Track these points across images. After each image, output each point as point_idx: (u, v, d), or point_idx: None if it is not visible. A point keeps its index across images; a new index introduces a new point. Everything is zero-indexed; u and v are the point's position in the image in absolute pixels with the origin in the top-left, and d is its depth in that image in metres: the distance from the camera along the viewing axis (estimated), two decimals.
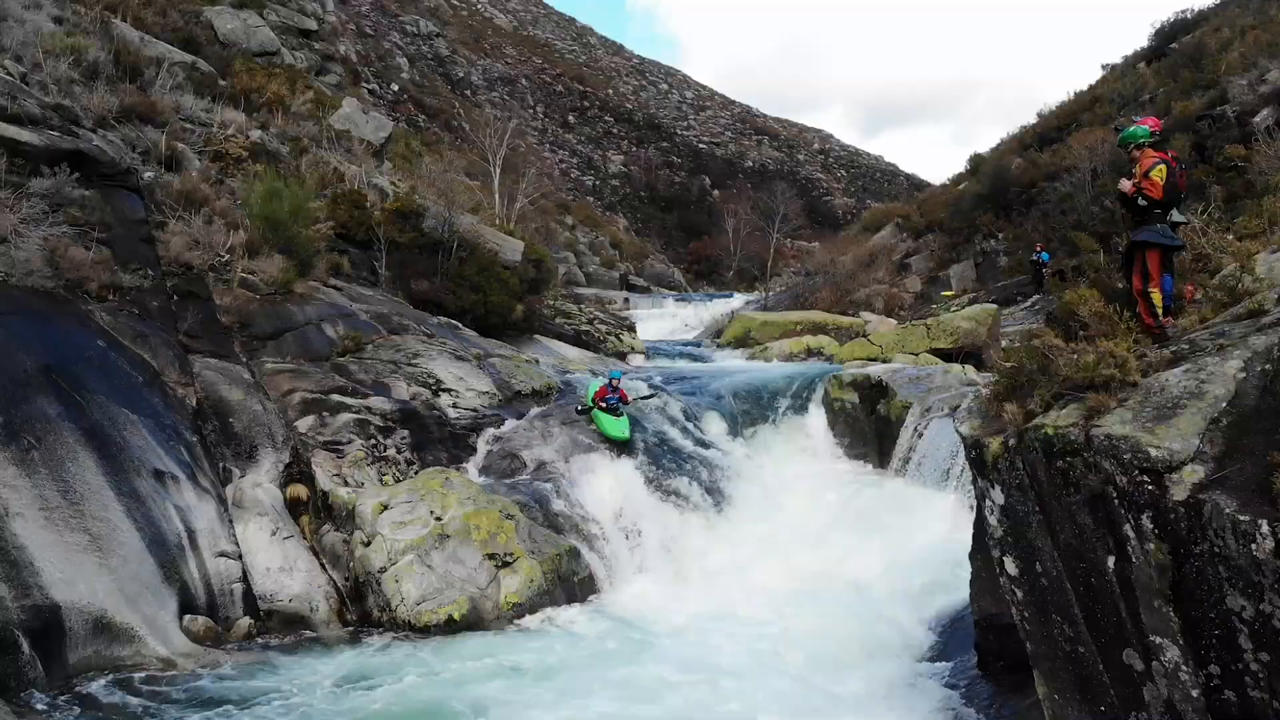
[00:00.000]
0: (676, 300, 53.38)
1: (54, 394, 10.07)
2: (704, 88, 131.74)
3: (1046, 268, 26.33)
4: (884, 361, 18.82)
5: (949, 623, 9.45)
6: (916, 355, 19.00)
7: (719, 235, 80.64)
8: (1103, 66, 46.62)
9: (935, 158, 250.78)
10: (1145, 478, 4.88)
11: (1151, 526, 4.85)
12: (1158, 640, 4.99)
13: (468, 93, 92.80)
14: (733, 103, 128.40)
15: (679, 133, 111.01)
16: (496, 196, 41.04)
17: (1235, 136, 23.07)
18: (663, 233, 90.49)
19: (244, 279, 14.11)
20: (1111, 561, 5.13)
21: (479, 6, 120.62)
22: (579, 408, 14.84)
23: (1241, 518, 4.45)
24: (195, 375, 11.93)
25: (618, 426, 14.20)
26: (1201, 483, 4.72)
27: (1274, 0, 34.47)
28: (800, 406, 17.07)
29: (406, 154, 37.46)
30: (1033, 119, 45.89)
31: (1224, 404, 5.05)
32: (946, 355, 19.19)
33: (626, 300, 50.91)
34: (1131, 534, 4.96)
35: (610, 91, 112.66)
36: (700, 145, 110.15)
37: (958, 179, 45.34)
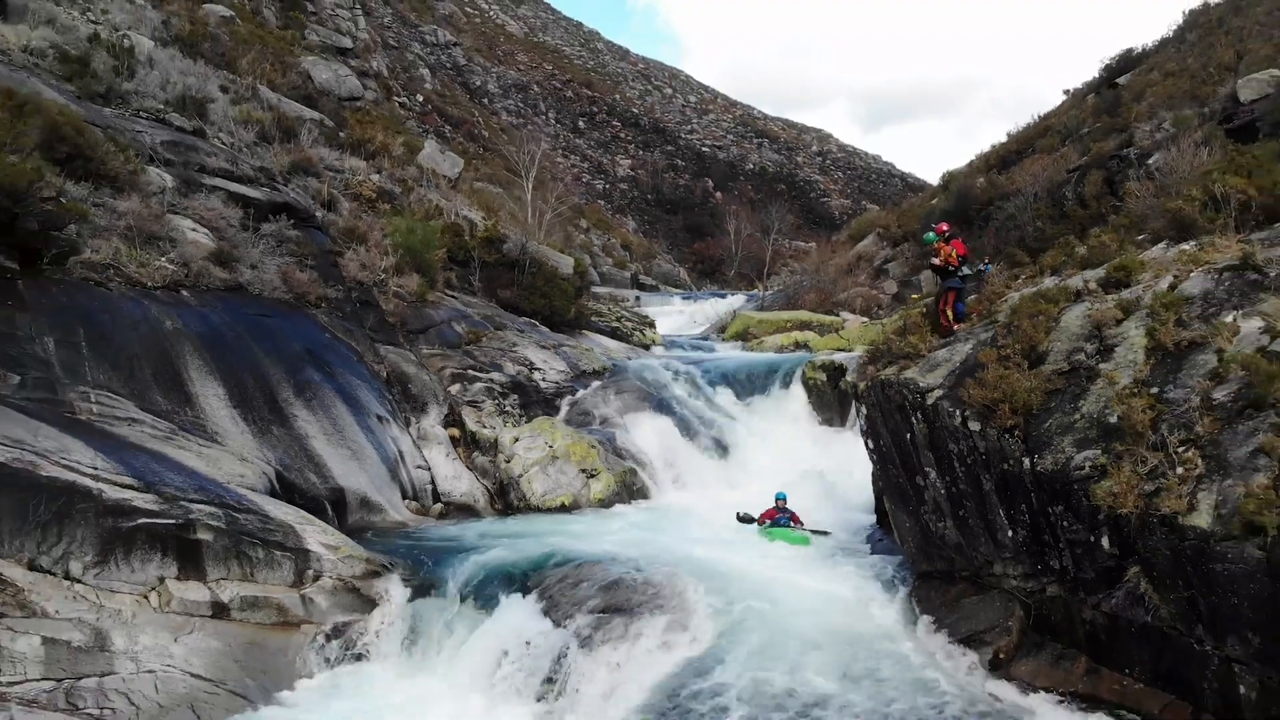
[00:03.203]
0: (683, 298, 58.60)
1: (315, 366, 16.23)
2: (706, 90, 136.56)
3: (990, 276, 32.36)
4: (849, 351, 24.89)
5: (866, 507, 15.60)
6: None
7: (721, 236, 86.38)
8: (1064, 92, 52.83)
9: (937, 154, 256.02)
10: (919, 395, 11.03)
11: (921, 417, 11.00)
12: (928, 469, 11.14)
13: (485, 101, 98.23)
14: (734, 105, 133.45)
15: (683, 136, 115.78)
16: (529, 209, 47.14)
17: (1138, 175, 29.07)
18: (669, 233, 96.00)
19: (395, 291, 20.23)
20: (909, 435, 11.28)
21: (491, 14, 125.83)
22: (740, 515, 15.75)
23: (951, 409, 10.59)
24: (382, 357, 18.08)
25: (798, 536, 14.72)
26: (940, 397, 10.86)
27: (1196, 48, 40.58)
28: (785, 384, 23.13)
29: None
30: (1003, 138, 52.20)
31: (958, 363, 11.19)
32: None
33: (638, 298, 56.28)
34: (915, 420, 11.11)
35: (617, 96, 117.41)
36: (703, 149, 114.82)
37: (932, 193, 51.47)
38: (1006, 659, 10.23)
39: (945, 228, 13.41)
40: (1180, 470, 8.76)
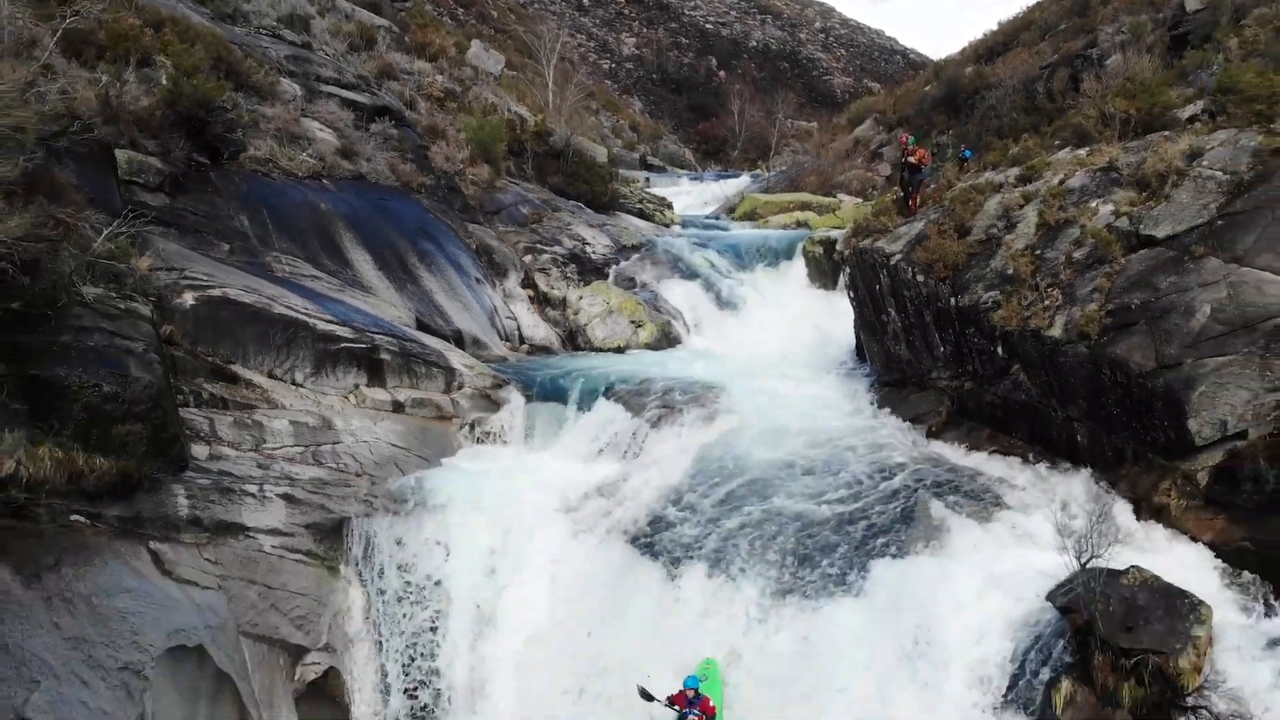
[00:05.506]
0: (691, 179, 62.00)
1: (428, 239, 21.00)
2: None
3: (969, 162, 36.75)
4: (843, 229, 29.58)
5: (847, 347, 20.70)
6: None
7: (725, 116, 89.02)
8: None
9: (945, 24, 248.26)
10: (885, 258, 15.91)
11: (886, 273, 15.92)
12: (890, 309, 16.14)
13: None
14: None
15: (686, 13, 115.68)
16: (551, 96, 50.76)
17: (1097, 74, 33.12)
18: (674, 114, 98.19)
19: (471, 179, 24.79)
20: (878, 285, 16.22)
21: None
22: (641, 690, 10.64)
23: (906, 266, 15.50)
24: (470, 233, 22.81)
25: None
26: (899, 259, 15.75)
27: None
28: (788, 256, 27.91)
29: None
30: (994, 26, 55.47)
31: (913, 235, 16.02)
32: None
33: (648, 180, 59.64)
34: (882, 275, 16.03)
35: None
36: (707, 25, 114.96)
37: (925, 80, 55.03)
38: (938, 431, 15.45)
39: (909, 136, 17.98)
40: (1046, 302, 13.72)
